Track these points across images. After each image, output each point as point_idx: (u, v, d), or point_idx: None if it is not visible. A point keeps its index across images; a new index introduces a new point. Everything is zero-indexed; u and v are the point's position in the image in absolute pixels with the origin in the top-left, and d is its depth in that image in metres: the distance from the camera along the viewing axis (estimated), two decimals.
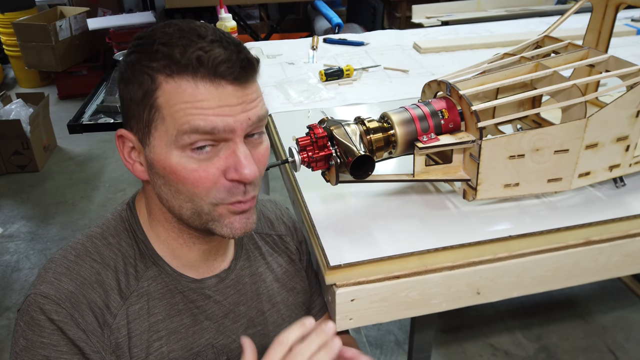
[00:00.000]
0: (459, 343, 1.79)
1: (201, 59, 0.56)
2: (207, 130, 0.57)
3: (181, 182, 0.60)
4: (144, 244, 0.68)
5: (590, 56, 0.87)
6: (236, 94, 0.58)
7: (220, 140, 0.59)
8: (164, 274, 0.69)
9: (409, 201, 0.87)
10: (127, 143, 0.63)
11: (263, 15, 4.30)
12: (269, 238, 0.81)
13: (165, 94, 0.57)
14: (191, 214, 0.62)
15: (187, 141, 0.57)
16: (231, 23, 1.64)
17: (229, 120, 0.57)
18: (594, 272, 0.83)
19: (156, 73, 0.57)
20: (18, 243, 2.39)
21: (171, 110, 0.57)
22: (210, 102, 0.57)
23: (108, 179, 2.88)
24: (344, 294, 0.73)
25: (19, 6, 3.85)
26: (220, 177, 0.60)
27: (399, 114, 0.78)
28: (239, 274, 0.75)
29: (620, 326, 1.84)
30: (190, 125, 0.57)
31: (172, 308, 0.69)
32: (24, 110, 2.95)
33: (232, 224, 0.63)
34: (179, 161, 0.59)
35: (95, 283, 0.64)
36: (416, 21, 2.74)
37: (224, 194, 0.61)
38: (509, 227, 0.80)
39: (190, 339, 0.70)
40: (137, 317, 0.66)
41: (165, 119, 0.58)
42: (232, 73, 0.57)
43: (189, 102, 0.57)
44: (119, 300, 0.65)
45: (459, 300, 0.78)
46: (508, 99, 0.81)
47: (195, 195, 0.60)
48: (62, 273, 0.64)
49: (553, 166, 0.80)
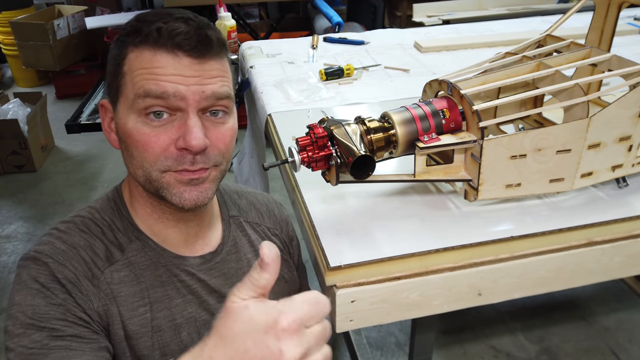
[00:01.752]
0: (460, 344, 1.79)
1: (160, 30, 0.62)
2: (158, 94, 0.61)
3: (134, 145, 0.64)
4: (128, 220, 0.72)
5: (593, 55, 0.87)
6: (193, 66, 0.63)
7: (174, 109, 0.63)
8: (147, 247, 0.71)
9: (410, 201, 0.86)
10: (108, 113, 0.69)
11: (263, 14, 4.29)
12: (259, 227, 0.83)
13: (130, 61, 0.64)
14: (144, 181, 0.66)
15: (142, 105, 0.62)
16: (230, 22, 1.64)
17: (180, 88, 0.62)
18: (597, 273, 0.82)
19: (126, 45, 0.64)
20: (15, 244, 2.38)
21: (132, 75, 0.63)
22: (165, 70, 0.62)
23: (106, 179, 2.88)
24: (344, 295, 0.72)
25: (17, 5, 3.84)
26: (170, 145, 0.63)
27: (399, 114, 0.78)
28: (225, 258, 0.77)
29: (623, 328, 1.83)
30: (144, 88, 0.62)
31: (156, 279, 0.71)
32: (22, 109, 2.94)
33: (182, 194, 0.66)
34: (134, 125, 0.63)
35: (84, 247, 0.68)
36: (417, 20, 2.73)
37: (171, 162, 0.64)
38: (511, 227, 0.79)
39: (173, 309, 0.72)
40: (122, 282, 0.69)
41: (127, 85, 0.64)
42: (188, 45, 0.62)
43: (146, 68, 0.62)
44: (105, 262, 0.68)
45: (460, 301, 0.78)
46: (510, 98, 0.80)
47: (144, 160, 0.64)
48: (55, 238, 0.68)
49: (555, 166, 0.79)
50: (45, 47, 3.61)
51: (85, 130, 1.67)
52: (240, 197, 0.86)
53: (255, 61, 1.50)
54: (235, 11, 3.39)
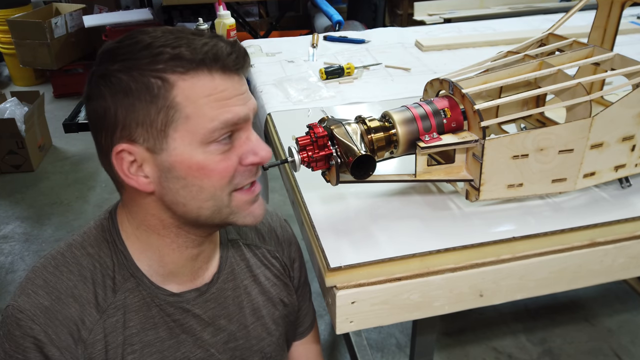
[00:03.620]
0: (462, 346, 1.78)
1: (214, 53, 0.57)
2: (235, 121, 0.60)
3: (207, 176, 0.60)
4: (123, 255, 0.68)
5: (596, 54, 0.86)
6: (240, 82, 0.61)
7: (236, 130, 0.61)
8: (141, 286, 0.68)
9: (411, 202, 0.85)
10: (126, 158, 0.59)
11: (262, 13, 4.28)
12: (258, 251, 0.81)
13: (185, 91, 0.57)
14: (211, 212, 0.63)
15: (216, 136, 0.59)
16: (230, 20, 1.63)
17: (245, 109, 0.61)
18: (599, 274, 0.81)
19: (167, 74, 0.56)
20: (12, 244, 2.37)
21: (195, 106, 0.57)
22: (227, 93, 0.59)
23: (104, 179, 2.86)
24: (344, 297, 0.72)
25: (14, 3, 3.81)
26: (237, 165, 0.62)
27: (400, 113, 0.77)
28: (221, 287, 0.74)
29: (626, 329, 1.82)
30: (220, 120, 0.58)
31: (148, 321, 0.68)
32: (19, 109, 2.92)
33: (254, 212, 0.66)
34: (205, 157, 0.59)
35: (71, 297, 0.64)
36: (418, 18, 2.72)
37: (239, 179, 0.63)
38: (513, 228, 0.78)
39: (165, 352, 0.69)
40: (113, 330, 0.66)
41: (190, 117, 0.57)
42: (237, 64, 0.60)
43: (211, 95, 0.58)
44: (95, 315, 0.65)
45: (461, 302, 0.77)
46: (511, 97, 0.80)
47: (218, 188, 0.61)
48: (39, 286, 0.65)
49: (557, 166, 0.79)
50: (43, 46, 3.59)
51: (83, 129, 1.65)
52: None
53: (254, 60, 1.50)
54: (235, 9, 3.38)
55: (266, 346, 0.79)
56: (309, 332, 0.92)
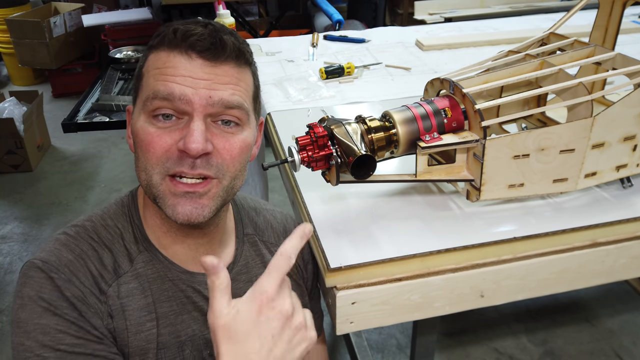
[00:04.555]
0: (463, 347, 1.77)
1: (177, 31, 0.62)
2: (164, 96, 0.60)
3: (138, 145, 0.63)
4: (139, 230, 0.71)
5: (597, 54, 0.86)
6: (204, 69, 0.61)
7: (181, 112, 0.61)
8: (155, 260, 0.70)
9: (411, 202, 0.85)
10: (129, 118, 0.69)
11: (262, 12, 4.27)
12: (274, 248, 0.81)
13: (148, 63, 0.64)
14: (145, 185, 0.65)
15: (150, 107, 0.61)
16: (229, 19, 1.63)
17: (186, 90, 0.60)
18: (601, 274, 0.81)
19: (149, 48, 0.65)
20: (11, 244, 2.36)
21: (147, 76, 0.64)
22: (175, 70, 0.61)
23: (103, 179, 2.86)
24: (344, 297, 0.72)
25: (13, 2, 3.80)
26: (172, 146, 0.62)
27: (401, 113, 0.77)
28: (235, 279, 0.75)
29: (628, 330, 1.82)
30: (153, 90, 0.61)
31: (162, 294, 0.70)
32: (17, 108, 2.91)
33: (175, 207, 0.63)
34: (142, 125, 0.63)
35: (92, 257, 0.67)
36: (418, 18, 2.72)
37: (170, 163, 0.62)
38: (514, 228, 0.78)
39: (178, 326, 0.70)
40: (130, 295, 0.67)
41: (143, 86, 0.64)
42: (201, 46, 0.61)
43: (159, 69, 0.62)
44: (113, 275, 0.67)
45: (462, 303, 0.77)
46: (512, 97, 0.79)
47: (147, 162, 0.63)
48: (62, 244, 0.66)
49: (558, 166, 0.78)
50: (42, 45, 3.57)
51: (82, 129, 1.65)
52: (258, 215, 0.83)
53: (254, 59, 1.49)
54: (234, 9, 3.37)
55: None
56: (319, 333, 0.92)
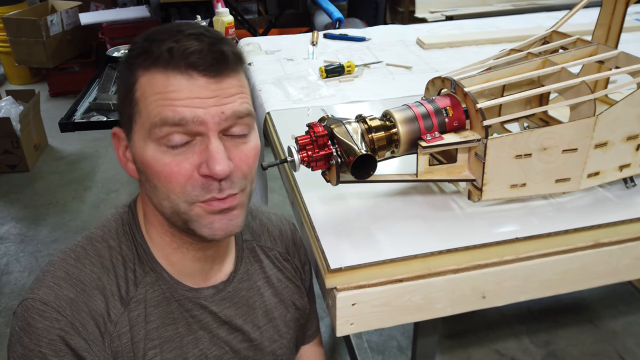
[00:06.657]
0: (464, 349, 1.77)
1: (172, 50, 0.57)
2: (176, 122, 0.57)
3: (156, 176, 0.60)
4: (143, 249, 0.68)
5: (600, 52, 0.85)
6: (209, 86, 0.58)
7: (194, 134, 0.58)
8: (161, 280, 0.68)
9: (412, 202, 0.85)
10: (122, 142, 0.64)
11: (261, 10, 4.26)
12: (271, 253, 0.80)
13: (142, 86, 0.58)
14: (171, 213, 0.62)
15: (159, 134, 0.58)
16: (228, 18, 1.62)
17: (198, 112, 0.57)
18: (604, 275, 0.81)
19: (136, 68, 0.59)
20: (8, 245, 2.35)
21: (145, 102, 0.58)
22: (180, 94, 0.57)
23: (101, 179, 2.85)
24: (344, 298, 0.71)
25: (9, 0, 3.79)
26: (193, 172, 0.59)
27: (401, 112, 0.76)
28: (237, 287, 0.74)
29: (631, 331, 1.81)
30: (160, 116, 0.57)
31: (168, 316, 0.68)
32: (14, 107, 2.90)
33: (212, 224, 0.62)
34: (153, 155, 0.59)
35: (95, 289, 0.63)
36: (419, 16, 2.72)
37: (198, 191, 0.59)
38: (516, 228, 0.78)
39: (184, 348, 0.69)
40: (135, 324, 0.65)
41: (141, 112, 0.59)
42: (203, 64, 0.57)
43: (160, 94, 0.57)
44: (119, 307, 0.64)
45: (463, 304, 0.77)
46: (514, 96, 0.79)
47: (170, 192, 0.60)
48: (62, 278, 0.63)
49: (561, 166, 0.78)
50: (38, 44, 3.55)
51: (79, 128, 1.64)
52: (254, 219, 0.82)
53: (253, 58, 1.49)
54: (233, 7, 3.36)
55: (277, 349, 0.79)
56: (316, 335, 0.92)
